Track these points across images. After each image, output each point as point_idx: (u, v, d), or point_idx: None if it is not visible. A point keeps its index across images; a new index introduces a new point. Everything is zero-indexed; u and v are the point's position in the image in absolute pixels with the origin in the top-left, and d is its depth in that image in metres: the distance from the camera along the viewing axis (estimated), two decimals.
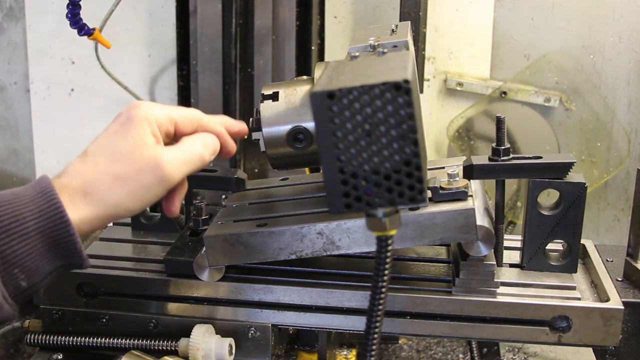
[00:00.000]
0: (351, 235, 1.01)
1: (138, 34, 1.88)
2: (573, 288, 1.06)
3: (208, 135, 0.96)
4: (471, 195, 1.01)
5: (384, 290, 0.80)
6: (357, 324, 1.07)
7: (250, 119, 1.08)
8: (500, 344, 1.38)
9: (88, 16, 1.41)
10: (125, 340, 1.07)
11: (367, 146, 0.76)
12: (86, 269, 1.10)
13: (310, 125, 1.03)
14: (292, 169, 1.11)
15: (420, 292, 1.05)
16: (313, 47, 1.74)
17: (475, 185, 1.10)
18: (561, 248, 1.12)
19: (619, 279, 1.11)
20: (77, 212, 0.83)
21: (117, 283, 1.11)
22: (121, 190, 0.85)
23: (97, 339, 1.09)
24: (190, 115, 0.96)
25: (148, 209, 1.26)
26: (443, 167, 1.15)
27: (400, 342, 1.49)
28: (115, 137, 0.88)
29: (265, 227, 1.03)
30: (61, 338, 1.10)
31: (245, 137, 1.06)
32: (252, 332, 1.08)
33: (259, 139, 1.06)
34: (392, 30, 1.09)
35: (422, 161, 0.77)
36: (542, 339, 1.04)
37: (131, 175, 0.85)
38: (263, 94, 1.06)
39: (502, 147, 1.05)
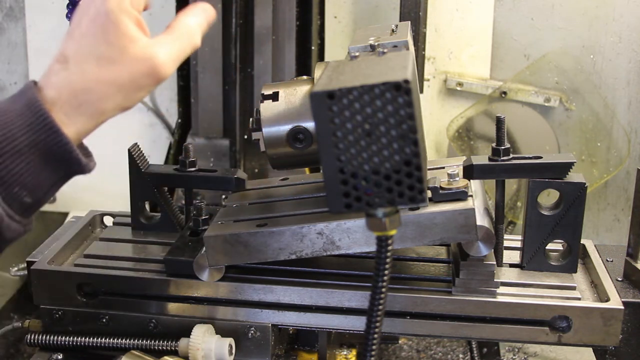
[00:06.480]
0: (351, 235, 1.01)
1: None
2: (573, 288, 1.06)
3: (196, 14, 0.86)
4: (471, 195, 1.01)
5: (384, 290, 0.80)
6: (357, 324, 1.06)
7: (250, 119, 1.08)
8: (500, 344, 1.38)
9: None
10: (125, 340, 1.07)
11: (367, 146, 0.76)
12: (86, 269, 1.12)
13: (310, 125, 1.03)
14: (292, 169, 1.12)
15: (420, 292, 1.05)
16: (313, 47, 1.75)
17: (475, 185, 1.10)
18: (561, 248, 1.12)
19: (619, 279, 1.11)
20: (75, 126, 0.80)
21: (117, 283, 1.11)
22: (116, 95, 0.80)
23: (97, 339, 1.09)
24: None
25: (148, 209, 1.26)
26: (443, 167, 1.15)
27: (400, 342, 1.49)
28: (96, 39, 0.80)
29: (265, 227, 1.03)
30: (61, 338, 1.10)
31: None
32: (252, 332, 1.08)
33: (259, 139, 1.06)
34: (392, 30, 1.09)
35: (422, 161, 0.77)
36: (542, 339, 1.04)
37: (125, 78, 0.80)
38: (263, 94, 1.06)
39: (502, 147, 1.05)
